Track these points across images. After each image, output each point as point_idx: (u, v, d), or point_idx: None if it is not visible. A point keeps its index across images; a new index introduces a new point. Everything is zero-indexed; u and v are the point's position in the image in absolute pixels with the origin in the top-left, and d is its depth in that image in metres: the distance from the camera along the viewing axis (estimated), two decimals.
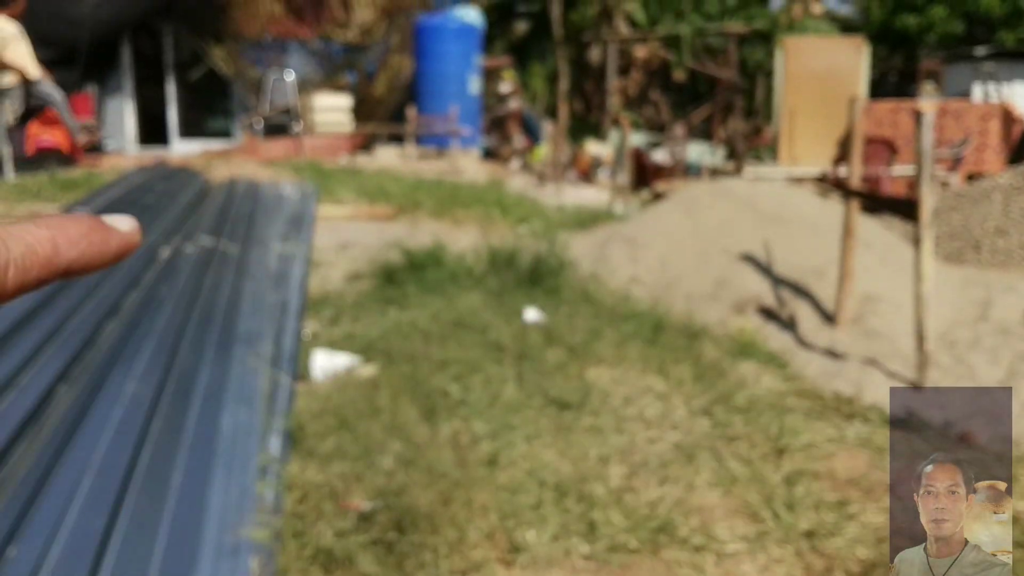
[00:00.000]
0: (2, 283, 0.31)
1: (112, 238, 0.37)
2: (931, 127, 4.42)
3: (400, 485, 2.85)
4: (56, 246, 0.34)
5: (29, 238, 0.33)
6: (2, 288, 0.31)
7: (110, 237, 0.37)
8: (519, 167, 14.73)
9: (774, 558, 2.81)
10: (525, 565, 2.67)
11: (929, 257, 4.51)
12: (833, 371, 4.75)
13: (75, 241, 0.35)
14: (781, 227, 6.28)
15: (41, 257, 0.33)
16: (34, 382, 3.17)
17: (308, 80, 14.10)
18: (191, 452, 3.04)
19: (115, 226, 0.37)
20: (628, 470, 3.30)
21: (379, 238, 6.56)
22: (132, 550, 2.44)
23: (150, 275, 4.40)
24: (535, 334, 4.44)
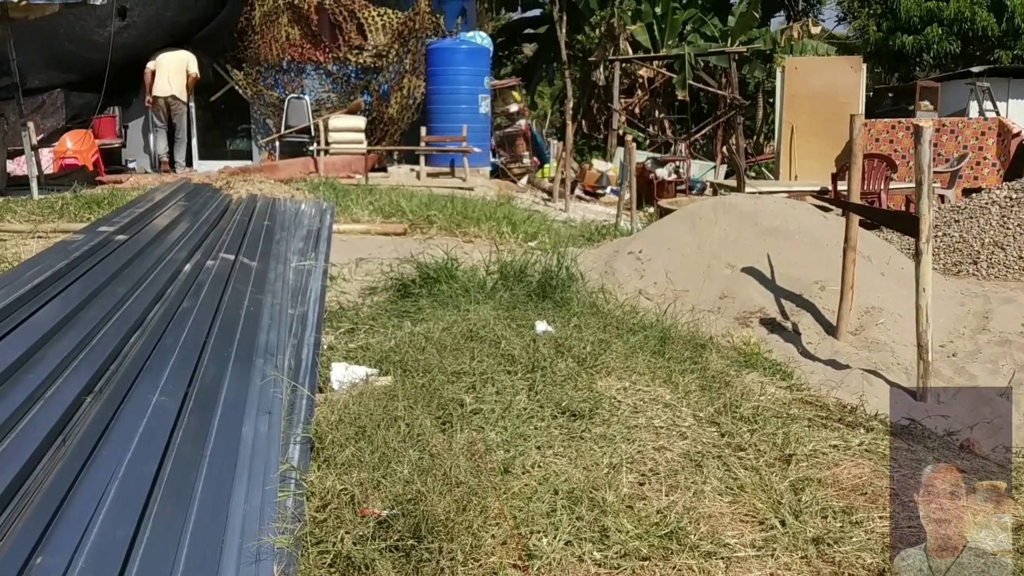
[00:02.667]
0: None
1: None
2: (930, 143, 4.52)
3: (417, 493, 2.92)
4: None
5: None
6: None
7: None
8: (527, 184, 14.86)
9: (783, 564, 2.88)
10: (539, 571, 2.74)
11: (928, 269, 4.60)
12: (836, 381, 4.84)
13: None
14: (783, 241, 6.38)
15: None
16: (61, 394, 3.25)
17: (324, 102, 14.30)
18: (214, 461, 3.12)
19: None
20: (638, 478, 3.38)
21: (393, 253, 6.67)
22: (156, 557, 2.49)
23: (174, 290, 4.51)
24: (545, 346, 4.53)
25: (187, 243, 5.40)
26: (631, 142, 10.72)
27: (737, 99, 16.98)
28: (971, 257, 7.87)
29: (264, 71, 14.31)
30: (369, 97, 14.36)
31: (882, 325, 5.56)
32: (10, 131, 11.06)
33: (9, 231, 7.59)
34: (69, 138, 12.49)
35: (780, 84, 13.87)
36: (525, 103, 17.28)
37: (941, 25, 22.51)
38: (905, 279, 5.87)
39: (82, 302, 3.99)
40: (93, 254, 4.76)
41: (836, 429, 3.98)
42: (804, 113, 13.30)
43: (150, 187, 8.73)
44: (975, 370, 5.14)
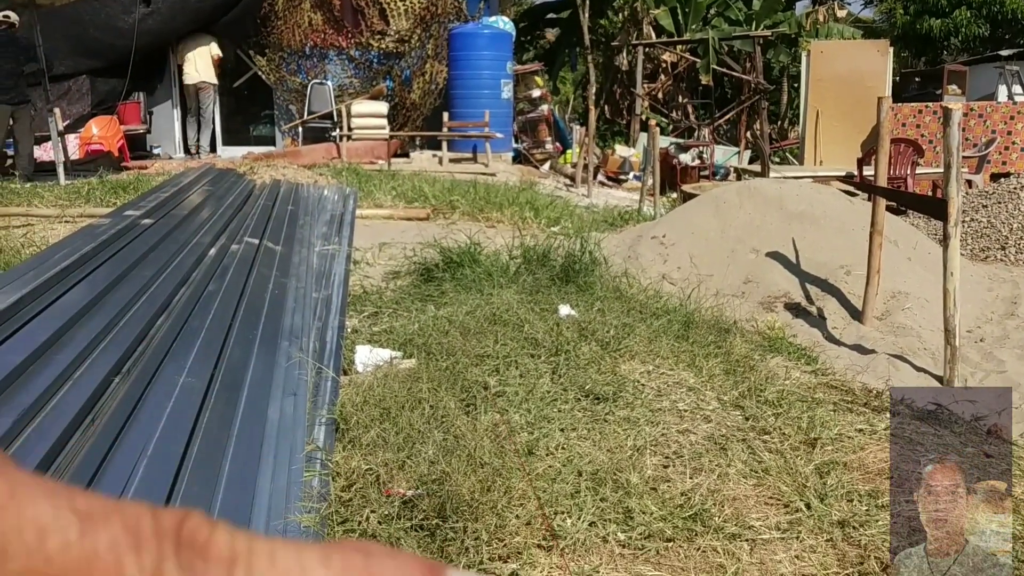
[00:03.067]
0: None
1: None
2: (959, 125, 4.47)
3: (442, 473, 2.94)
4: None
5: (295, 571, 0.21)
6: None
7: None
8: (550, 170, 14.83)
9: (808, 547, 2.88)
10: (563, 551, 2.75)
11: (956, 253, 4.56)
12: (862, 366, 4.81)
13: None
14: (809, 225, 6.34)
15: None
16: (89, 374, 3.28)
17: (346, 87, 14.32)
18: (240, 441, 3.15)
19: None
20: (662, 460, 3.38)
21: (416, 238, 6.69)
22: None
23: (199, 273, 4.53)
24: (569, 329, 4.53)
25: (212, 227, 5.43)
26: (654, 126, 10.68)
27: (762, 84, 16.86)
28: (999, 243, 7.80)
29: (287, 57, 14.36)
30: (391, 82, 14.37)
31: (908, 310, 5.52)
32: (37, 117, 11.16)
33: (37, 215, 7.67)
34: (95, 124, 12.59)
35: (805, 68, 13.75)
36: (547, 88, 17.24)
37: (969, 8, 22.25)
38: (932, 264, 5.83)
39: (109, 285, 4.02)
40: (119, 238, 4.79)
41: (862, 413, 3.97)
42: (829, 98, 13.19)
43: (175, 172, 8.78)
44: (1003, 355, 5.10)
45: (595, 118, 13.99)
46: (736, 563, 2.73)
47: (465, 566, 2.57)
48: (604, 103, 19.27)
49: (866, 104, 11.18)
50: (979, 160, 12.13)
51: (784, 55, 19.29)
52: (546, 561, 2.70)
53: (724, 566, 2.71)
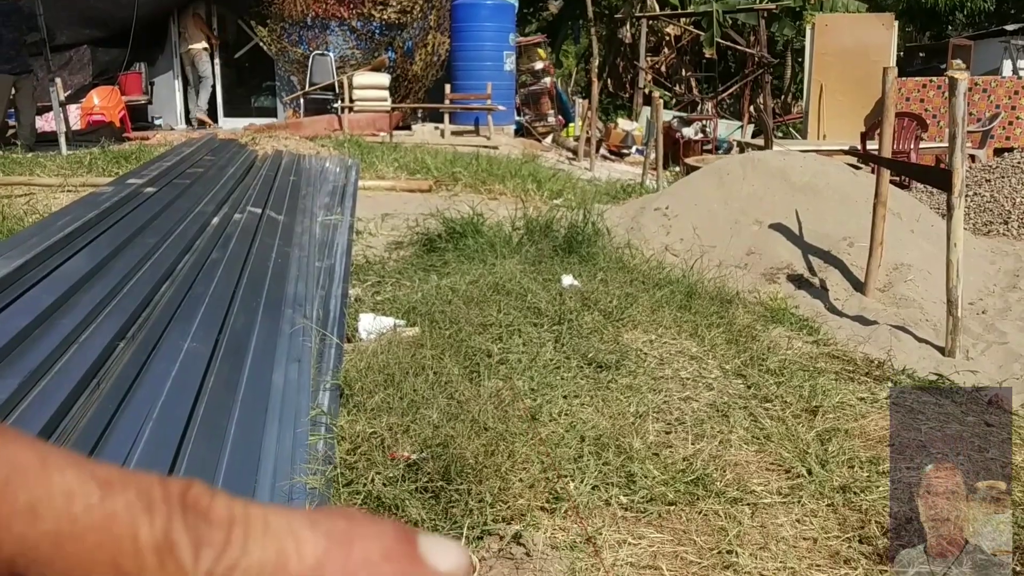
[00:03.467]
0: None
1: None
2: (965, 96, 4.46)
3: (446, 437, 2.96)
4: (321, 568, 0.22)
5: (285, 542, 0.23)
6: None
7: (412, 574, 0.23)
8: (552, 143, 14.80)
9: (809, 511, 2.90)
10: (566, 513, 2.77)
11: (960, 225, 4.56)
12: (863, 336, 4.82)
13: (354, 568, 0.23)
14: (812, 197, 6.34)
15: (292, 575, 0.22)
16: (94, 339, 3.29)
17: (348, 59, 14.26)
18: (245, 406, 3.17)
19: (429, 557, 0.23)
20: (664, 427, 3.40)
21: (418, 209, 6.69)
22: None
23: (202, 241, 4.54)
24: (572, 299, 4.54)
25: (214, 197, 5.43)
26: (658, 100, 10.64)
27: (765, 57, 16.78)
28: (1002, 217, 7.79)
29: (288, 27, 14.27)
30: (393, 54, 14.29)
31: (911, 282, 5.52)
32: (38, 87, 11.13)
33: (39, 184, 7.67)
34: (96, 94, 12.55)
35: (809, 42, 13.68)
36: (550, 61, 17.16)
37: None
38: (935, 236, 5.83)
39: (113, 251, 4.02)
40: (122, 206, 4.79)
41: (863, 383, 3.98)
42: (834, 72, 13.13)
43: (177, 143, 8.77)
44: (1005, 327, 5.11)
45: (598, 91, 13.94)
46: (737, 526, 2.75)
47: (469, 527, 2.59)
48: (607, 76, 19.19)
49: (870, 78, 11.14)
50: (983, 135, 12.10)
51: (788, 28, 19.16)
52: (549, 523, 2.72)
53: (725, 529, 2.73)
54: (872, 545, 2.70)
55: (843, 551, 2.68)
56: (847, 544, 2.72)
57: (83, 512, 0.19)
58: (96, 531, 0.19)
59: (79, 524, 0.19)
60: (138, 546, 0.20)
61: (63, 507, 0.19)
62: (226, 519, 0.21)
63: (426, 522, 2.61)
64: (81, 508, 0.19)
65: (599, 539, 2.65)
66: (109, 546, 0.19)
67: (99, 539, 0.19)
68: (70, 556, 0.19)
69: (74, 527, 0.19)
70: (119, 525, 0.19)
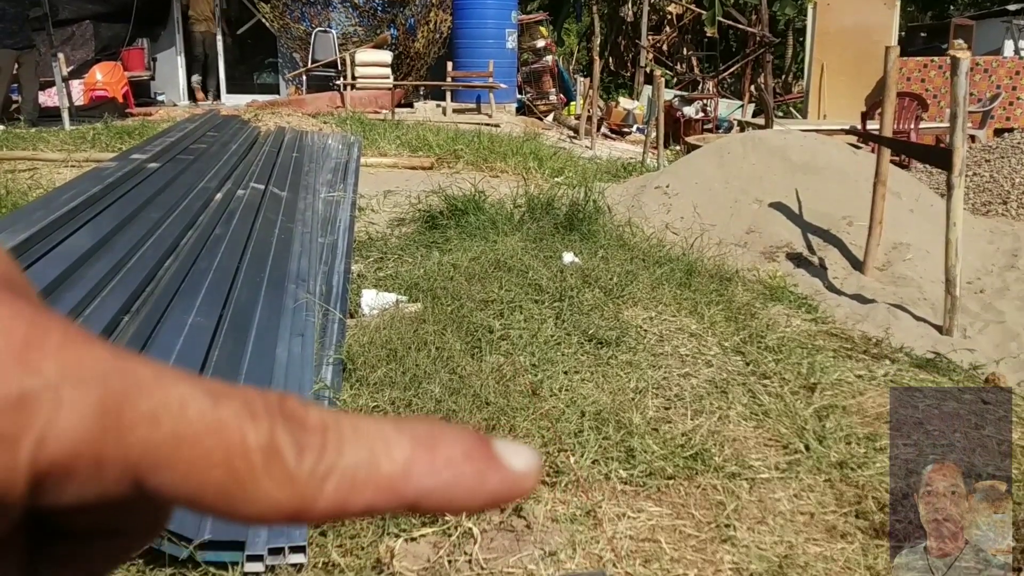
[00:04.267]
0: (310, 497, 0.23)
1: (493, 474, 0.25)
2: (966, 75, 4.47)
3: (448, 411, 2.99)
4: (412, 465, 0.24)
5: (378, 443, 0.24)
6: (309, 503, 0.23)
7: (490, 472, 0.25)
8: (553, 122, 14.78)
9: (806, 486, 2.94)
10: (566, 487, 2.81)
11: (960, 204, 4.58)
12: (862, 314, 4.85)
13: (439, 467, 0.24)
14: (812, 176, 6.36)
15: (384, 475, 0.24)
16: (99, 313, 3.32)
17: (351, 35, 14.22)
18: (249, 380, 3.20)
19: (504, 457, 0.26)
20: (664, 402, 3.44)
21: (420, 186, 6.70)
22: None
23: (206, 217, 4.56)
24: (572, 276, 4.57)
25: (218, 172, 5.45)
26: (659, 78, 10.62)
27: (767, 36, 16.74)
28: (1001, 197, 7.80)
29: (291, 4, 14.23)
30: (395, 31, 14.26)
31: (910, 261, 5.55)
32: (41, 62, 11.11)
33: (43, 159, 7.68)
34: (99, 70, 12.52)
35: (811, 21, 13.63)
36: (552, 39, 17.11)
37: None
38: (935, 216, 5.84)
39: (117, 226, 4.05)
40: (126, 181, 4.81)
41: (861, 360, 4.02)
42: (835, 51, 13.10)
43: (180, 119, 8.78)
44: (1003, 306, 5.14)
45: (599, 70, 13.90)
46: (735, 500, 2.79)
47: None
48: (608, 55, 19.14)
49: (872, 58, 11.12)
50: (983, 115, 12.09)
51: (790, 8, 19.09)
52: (549, 496, 2.76)
53: (724, 503, 2.77)
54: (868, 520, 2.75)
55: (840, 525, 2.72)
56: (844, 519, 2.76)
57: (197, 418, 0.21)
58: (209, 435, 0.21)
59: (194, 428, 0.21)
60: (247, 448, 0.22)
61: (179, 413, 0.21)
62: (320, 426, 0.23)
63: None
64: (195, 414, 0.21)
65: (599, 512, 2.69)
66: (222, 448, 0.22)
67: (212, 442, 0.21)
68: (188, 458, 0.21)
69: (190, 430, 0.21)
70: (229, 430, 0.22)
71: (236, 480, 0.22)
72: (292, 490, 0.23)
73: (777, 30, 18.78)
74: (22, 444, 0.20)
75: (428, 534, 2.55)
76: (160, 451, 0.21)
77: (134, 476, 0.21)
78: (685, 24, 18.97)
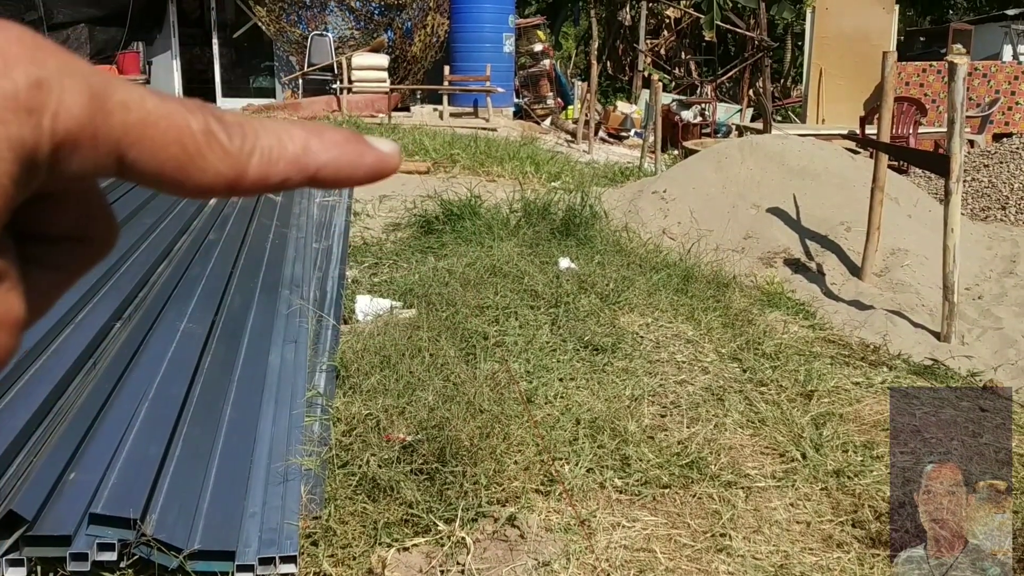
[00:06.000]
0: (242, 168, 0.30)
1: (368, 153, 0.33)
2: (964, 80, 4.45)
3: (441, 419, 2.96)
4: (308, 145, 0.31)
5: (281, 132, 0.31)
6: (242, 173, 0.29)
7: (366, 151, 0.33)
8: (551, 126, 14.76)
9: (802, 495, 2.92)
10: (561, 496, 2.79)
11: (957, 210, 4.56)
12: (859, 321, 4.83)
13: (329, 146, 0.32)
14: (810, 182, 6.34)
15: (290, 153, 0.31)
16: (91, 319, 3.30)
17: (347, 39, 14.19)
18: (241, 386, 3.17)
19: (374, 142, 0.33)
20: (660, 410, 3.41)
21: (416, 191, 6.67)
22: (187, 474, 2.56)
23: (200, 222, 4.54)
24: (568, 282, 4.55)
25: None
26: (657, 83, 10.60)
27: (765, 41, 16.72)
28: (999, 202, 7.79)
29: (287, 7, 14.20)
30: (392, 35, 14.24)
31: (908, 267, 5.53)
32: None
33: None
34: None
35: (810, 25, 13.63)
36: (549, 43, 17.09)
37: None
38: (933, 222, 5.82)
39: None
40: (118, 186, 4.78)
41: (859, 367, 3.99)
42: (834, 56, 13.09)
43: None
44: (1001, 312, 5.12)
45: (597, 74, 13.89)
46: (731, 509, 2.76)
47: (464, 509, 2.61)
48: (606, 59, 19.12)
49: (870, 62, 11.11)
50: (982, 120, 12.07)
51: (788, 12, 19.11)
52: (544, 505, 2.73)
53: (719, 512, 2.74)
54: (865, 529, 2.72)
55: (836, 535, 2.70)
56: (840, 528, 2.73)
57: (153, 108, 0.28)
58: (164, 120, 0.28)
59: (153, 116, 0.27)
60: (192, 131, 0.28)
61: (141, 105, 0.27)
62: (238, 121, 0.30)
63: (421, 503, 2.62)
64: (152, 106, 0.28)
65: (593, 522, 2.66)
66: (174, 130, 0.28)
67: (167, 125, 0.28)
68: (152, 136, 0.27)
69: (150, 117, 0.27)
70: (176, 117, 0.28)
71: (188, 155, 0.28)
72: (229, 162, 0.29)
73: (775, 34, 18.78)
74: (44, 116, 0.26)
75: (420, 544, 2.53)
76: (134, 131, 0.27)
77: (118, 151, 0.27)
78: (683, 28, 18.95)
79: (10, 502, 2.17)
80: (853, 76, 12.74)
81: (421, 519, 2.57)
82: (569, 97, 16.13)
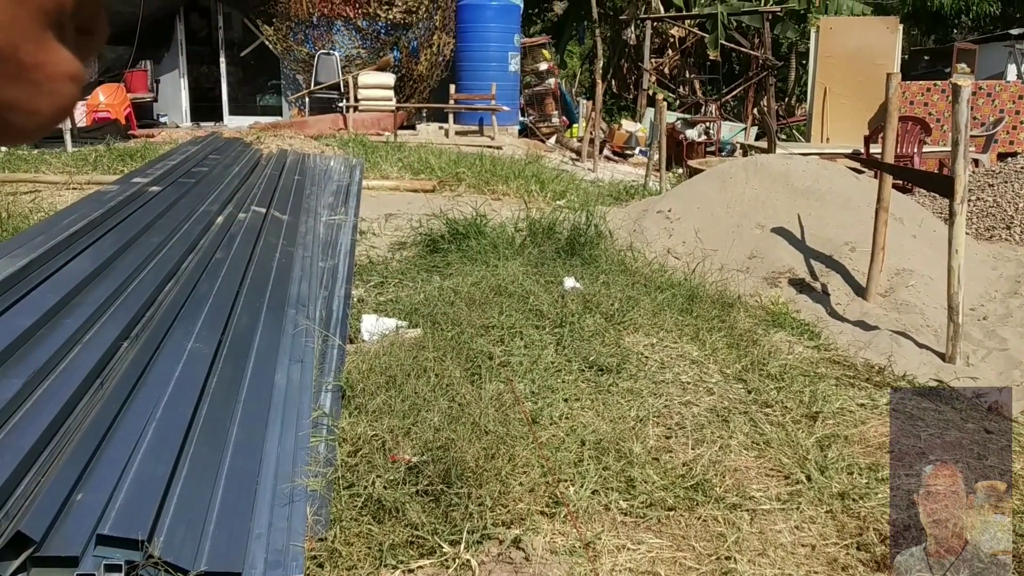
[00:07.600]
0: None
1: None
2: (968, 102, 4.47)
3: (447, 440, 2.97)
4: None
5: None
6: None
7: None
8: (556, 144, 14.81)
9: (807, 517, 2.91)
10: (566, 518, 2.79)
11: (962, 231, 4.57)
12: (864, 342, 4.83)
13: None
14: (814, 201, 6.35)
15: None
16: (98, 339, 3.31)
17: (354, 58, 14.28)
18: (248, 406, 3.18)
19: None
20: (664, 431, 3.41)
21: (422, 209, 6.70)
22: (193, 495, 2.56)
23: (206, 241, 4.56)
24: (573, 302, 4.56)
25: (219, 196, 5.45)
26: (661, 101, 10.65)
27: (770, 60, 16.78)
28: (1004, 222, 7.79)
29: (294, 26, 14.31)
30: (398, 54, 14.33)
31: (912, 287, 5.53)
32: None
33: (44, 182, 7.69)
34: (101, 91, 12.56)
35: (814, 45, 13.68)
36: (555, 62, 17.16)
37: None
38: (937, 242, 5.83)
39: (117, 250, 4.04)
40: (127, 204, 4.81)
41: (864, 388, 3.99)
42: (838, 75, 13.13)
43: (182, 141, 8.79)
44: (1006, 333, 5.11)
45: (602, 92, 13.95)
46: (736, 532, 2.76)
47: (469, 531, 2.61)
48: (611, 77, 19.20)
49: (874, 81, 11.14)
50: (986, 139, 12.08)
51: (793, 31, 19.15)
52: (549, 527, 2.73)
53: (724, 535, 2.74)
54: (870, 552, 2.72)
55: (841, 558, 2.69)
56: (845, 551, 2.73)
57: None
58: None
59: None
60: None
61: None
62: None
63: (426, 525, 2.63)
64: None
65: (598, 544, 2.66)
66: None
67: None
68: None
69: None
70: None
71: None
72: None
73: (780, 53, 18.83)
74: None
75: (426, 565, 2.53)
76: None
77: None
78: (688, 47, 19.03)
79: (18, 523, 2.18)
80: (857, 95, 12.77)
81: (426, 541, 2.57)
82: (574, 115, 16.18)
